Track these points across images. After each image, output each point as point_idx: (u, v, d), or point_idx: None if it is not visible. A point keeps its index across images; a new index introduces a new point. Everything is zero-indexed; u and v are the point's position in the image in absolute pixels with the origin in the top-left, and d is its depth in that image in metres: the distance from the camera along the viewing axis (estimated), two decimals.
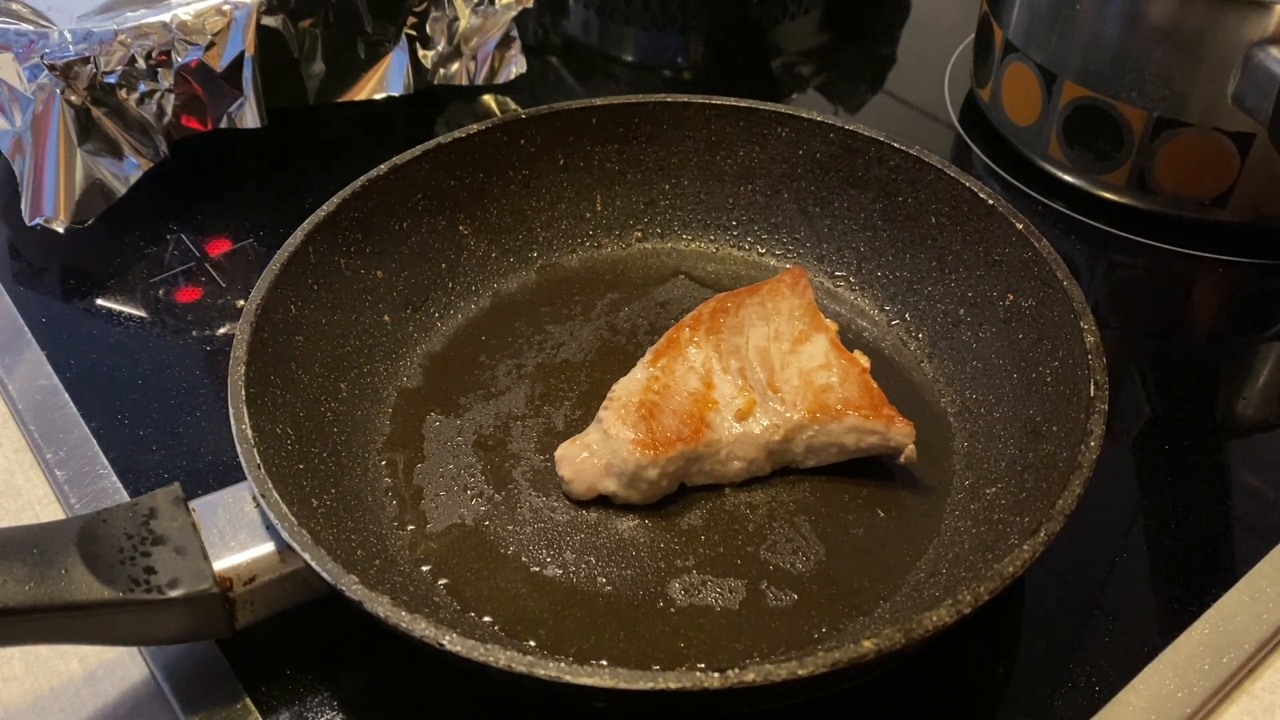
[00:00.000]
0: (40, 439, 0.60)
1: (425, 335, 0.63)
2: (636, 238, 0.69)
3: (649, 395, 0.54)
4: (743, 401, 0.55)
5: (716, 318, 0.58)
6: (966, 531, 0.52)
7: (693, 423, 0.54)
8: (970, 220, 0.61)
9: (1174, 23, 0.66)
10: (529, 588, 0.51)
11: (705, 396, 0.55)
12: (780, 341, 0.57)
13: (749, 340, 0.57)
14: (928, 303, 0.63)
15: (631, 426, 0.53)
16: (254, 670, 0.49)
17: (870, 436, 0.54)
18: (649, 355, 0.57)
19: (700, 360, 0.56)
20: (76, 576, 0.43)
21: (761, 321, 0.58)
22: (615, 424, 0.53)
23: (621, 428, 0.53)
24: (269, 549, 0.47)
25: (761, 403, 0.55)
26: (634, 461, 0.52)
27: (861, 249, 0.66)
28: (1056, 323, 0.55)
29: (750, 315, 0.58)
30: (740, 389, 0.55)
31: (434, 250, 0.64)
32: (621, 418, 0.53)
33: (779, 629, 0.50)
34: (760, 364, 0.56)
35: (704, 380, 0.56)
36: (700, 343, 0.57)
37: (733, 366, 0.56)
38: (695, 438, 0.53)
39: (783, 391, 0.55)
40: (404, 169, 0.62)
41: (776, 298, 0.59)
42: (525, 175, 0.67)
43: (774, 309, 0.58)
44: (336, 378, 0.58)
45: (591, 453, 0.54)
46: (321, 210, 0.59)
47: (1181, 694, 0.49)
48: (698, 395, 0.55)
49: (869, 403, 0.54)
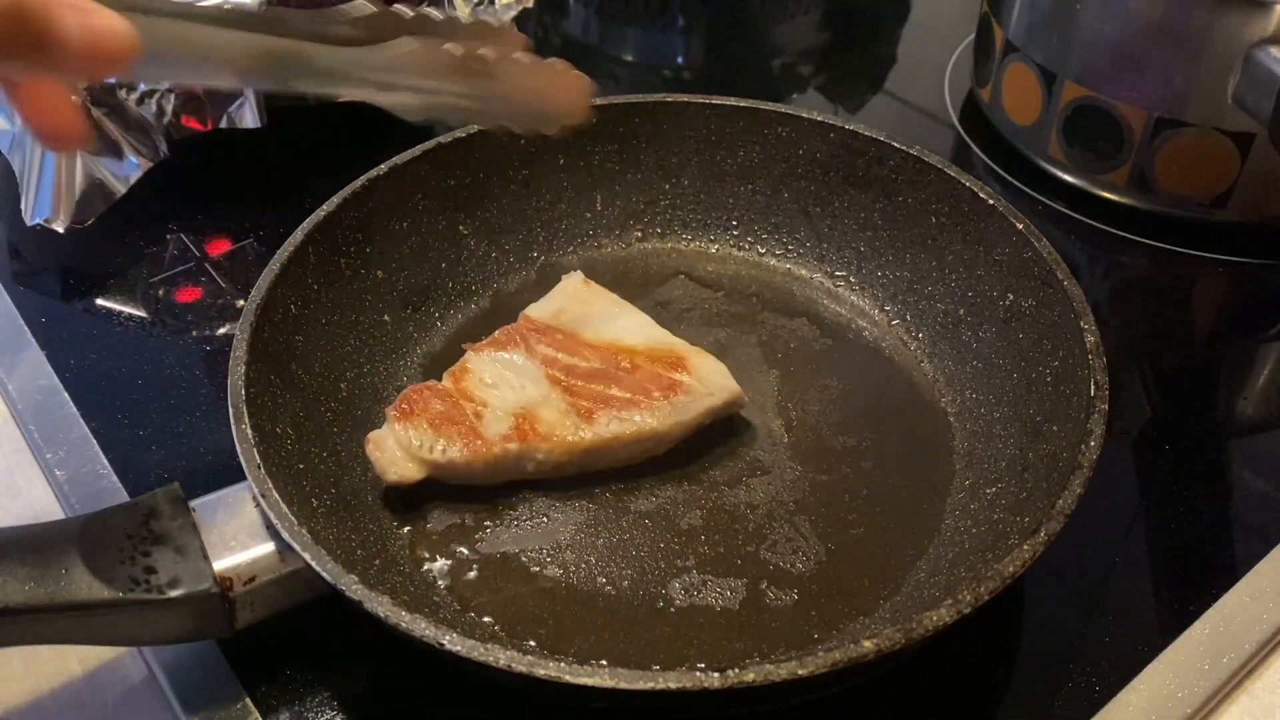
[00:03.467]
0: (40, 439, 0.60)
1: (425, 335, 0.63)
2: (636, 237, 0.69)
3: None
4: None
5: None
6: (966, 531, 0.52)
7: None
8: (970, 220, 0.60)
9: (1174, 23, 0.66)
10: (529, 588, 0.51)
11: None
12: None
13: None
14: (928, 303, 0.63)
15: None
16: (253, 670, 0.49)
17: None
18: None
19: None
20: (76, 576, 0.43)
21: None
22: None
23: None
24: (269, 549, 0.47)
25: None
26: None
27: (862, 249, 0.66)
28: (1056, 322, 0.55)
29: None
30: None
31: (434, 250, 0.64)
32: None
33: (779, 629, 0.50)
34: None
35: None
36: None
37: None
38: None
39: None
40: (404, 169, 0.62)
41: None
42: (525, 175, 0.66)
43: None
44: (336, 377, 0.58)
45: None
46: (322, 210, 0.59)
47: (1181, 694, 0.49)
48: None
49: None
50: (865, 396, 0.60)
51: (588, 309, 0.60)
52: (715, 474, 0.56)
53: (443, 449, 0.53)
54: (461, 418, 0.54)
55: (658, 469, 0.56)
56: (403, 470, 0.53)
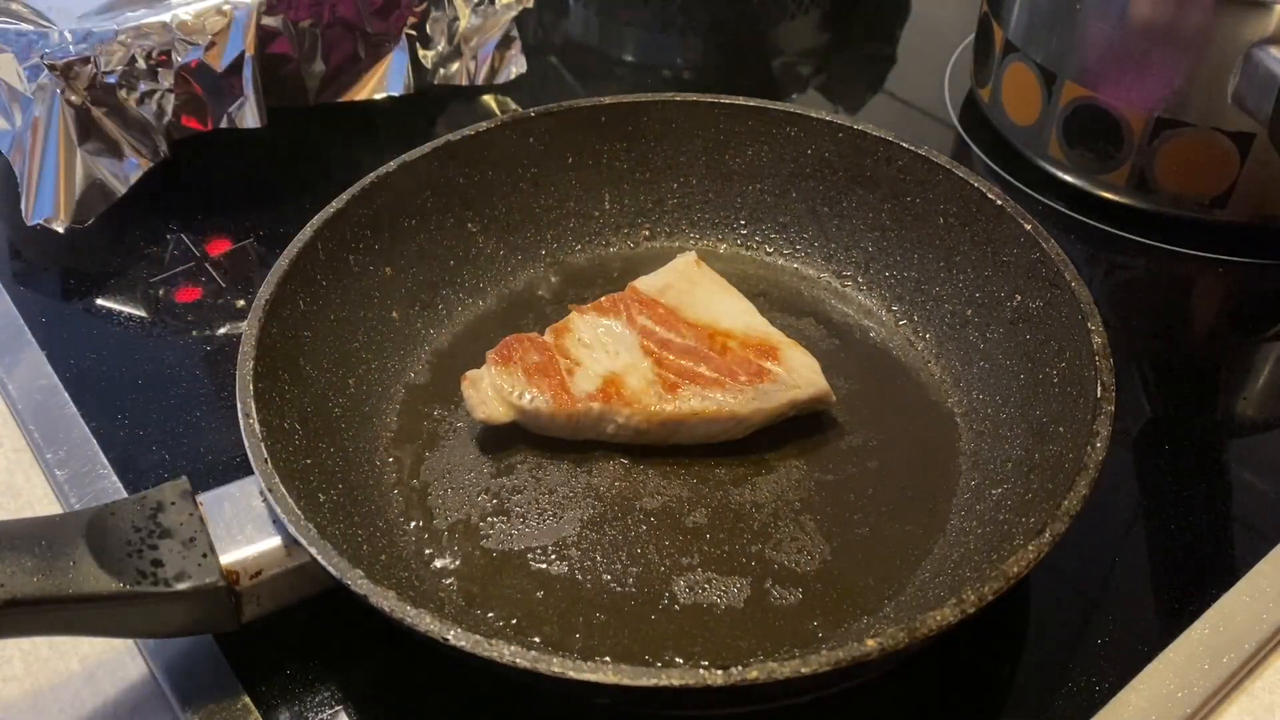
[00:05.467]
0: (40, 439, 0.60)
1: (433, 332, 0.63)
2: (644, 236, 0.69)
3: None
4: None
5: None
6: (972, 532, 0.52)
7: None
8: (979, 221, 0.61)
9: (1174, 23, 0.66)
10: (534, 584, 0.51)
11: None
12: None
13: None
14: (935, 303, 0.63)
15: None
16: (253, 668, 0.49)
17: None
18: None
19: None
20: (84, 569, 0.43)
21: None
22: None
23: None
24: (275, 543, 0.47)
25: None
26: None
27: (869, 249, 0.66)
28: (1064, 324, 0.55)
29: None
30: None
31: (442, 247, 0.64)
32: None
33: (783, 627, 0.50)
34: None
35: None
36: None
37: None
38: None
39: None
40: (413, 166, 0.62)
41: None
42: (534, 173, 0.67)
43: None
44: (344, 373, 0.58)
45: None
46: (331, 206, 0.59)
47: (1181, 694, 0.49)
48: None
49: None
50: (872, 396, 0.60)
51: (693, 288, 0.61)
52: (721, 472, 0.56)
53: (531, 398, 0.55)
54: (554, 371, 0.56)
55: (663, 466, 0.57)
56: (491, 410, 0.56)
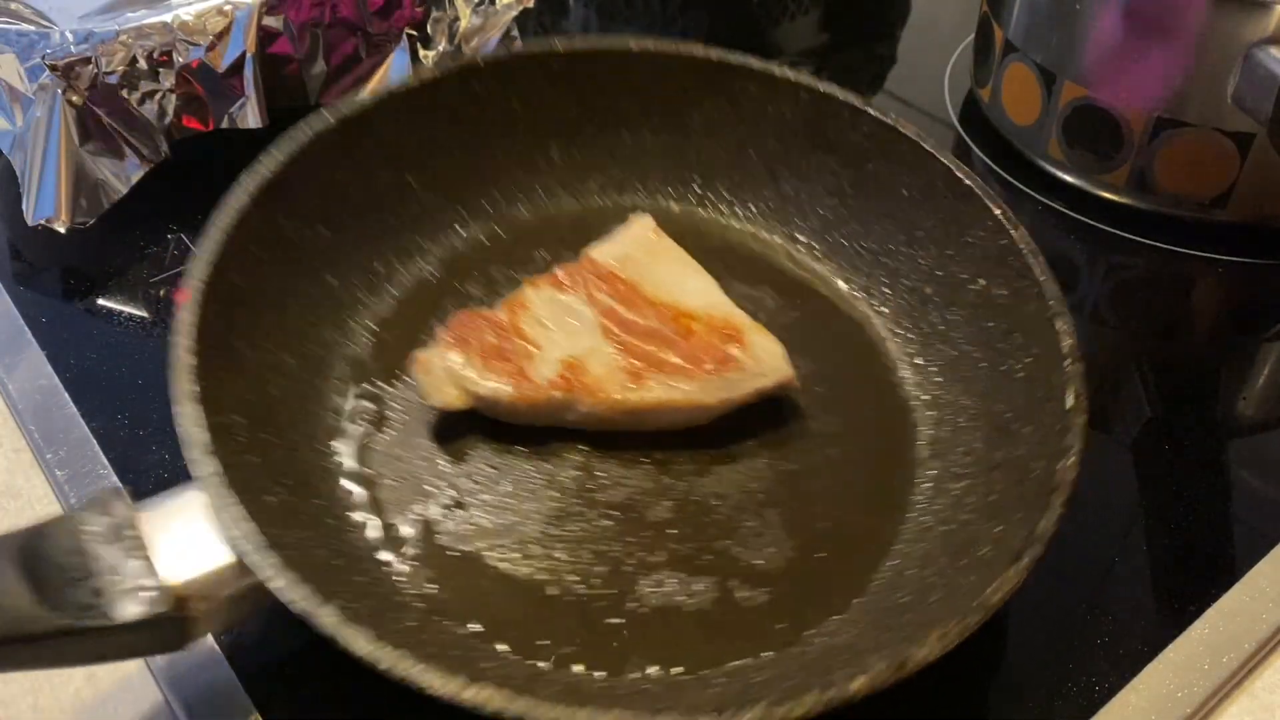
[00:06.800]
0: (40, 439, 0.60)
1: (374, 299, 0.60)
2: (594, 191, 0.66)
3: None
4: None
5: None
6: (934, 529, 0.51)
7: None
8: (944, 198, 0.58)
9: (1174, 23, 0.66)
10: (496, 586, 0.49)
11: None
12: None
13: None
14: (893, 278, 0.61)
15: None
16: (254, 668, 0.49)
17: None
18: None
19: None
20: (18, 603, 0.38)
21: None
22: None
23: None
24: (228, 560, 0.43)
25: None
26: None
27: (828, 216, 0.63)
28: (1030, 317, 0.53)
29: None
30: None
31: (383, 205, 0.61)
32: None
33: (752, 628, 0.49)
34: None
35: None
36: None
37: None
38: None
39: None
40: (350, 120, 0.59)
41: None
42: (478, 124, 0.63)
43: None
44: (282, 351, 0.54)
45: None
46: (262, 169, 0.55)
47: (1181, 694, 0.49)
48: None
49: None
50: (830, 376, 0.58)
51: (654, 261, 0.59)
52: (683, 461, 0.55)
53: (491, 386, 0.53)
54: (512, 355, 0.54)
55: (623, 455, 0.55)
56: (446, 397, 0.53)
